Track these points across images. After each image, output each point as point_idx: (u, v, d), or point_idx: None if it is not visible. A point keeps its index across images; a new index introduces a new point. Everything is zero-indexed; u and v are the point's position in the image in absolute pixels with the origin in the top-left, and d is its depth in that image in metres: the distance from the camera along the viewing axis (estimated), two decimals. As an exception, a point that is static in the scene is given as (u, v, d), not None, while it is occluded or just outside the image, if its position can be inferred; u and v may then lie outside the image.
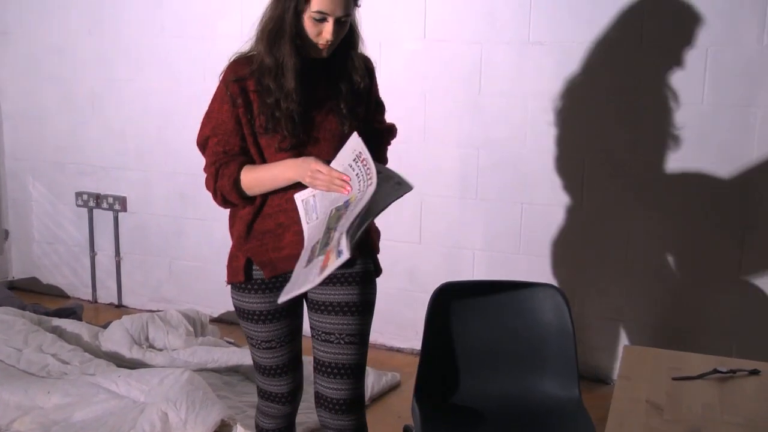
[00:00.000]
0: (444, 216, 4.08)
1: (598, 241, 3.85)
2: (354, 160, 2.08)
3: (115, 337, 4.05)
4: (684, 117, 3.63)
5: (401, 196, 2.15)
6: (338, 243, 1.94)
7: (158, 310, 4.40)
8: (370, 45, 4.04)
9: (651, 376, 2.07)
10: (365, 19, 2.37)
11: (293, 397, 2.52)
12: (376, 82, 2.45)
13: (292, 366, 2.47)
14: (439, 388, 2.60)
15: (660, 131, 3.70)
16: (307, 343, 2.48)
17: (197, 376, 3.43)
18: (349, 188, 2.08)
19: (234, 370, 3.85)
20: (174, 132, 4.61)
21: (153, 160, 4.73)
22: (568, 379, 2.55)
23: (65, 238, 5.11)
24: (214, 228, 4.60)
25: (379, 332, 4.34)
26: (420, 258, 4.21)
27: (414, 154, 4.05)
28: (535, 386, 2.58)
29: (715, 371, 2.10)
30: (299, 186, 2.21)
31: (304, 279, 2.01)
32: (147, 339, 4.11)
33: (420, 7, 4.01)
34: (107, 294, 5.05)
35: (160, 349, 4.05)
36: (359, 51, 2.32)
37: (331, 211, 2.10)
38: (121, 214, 4.89)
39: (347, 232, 1.95)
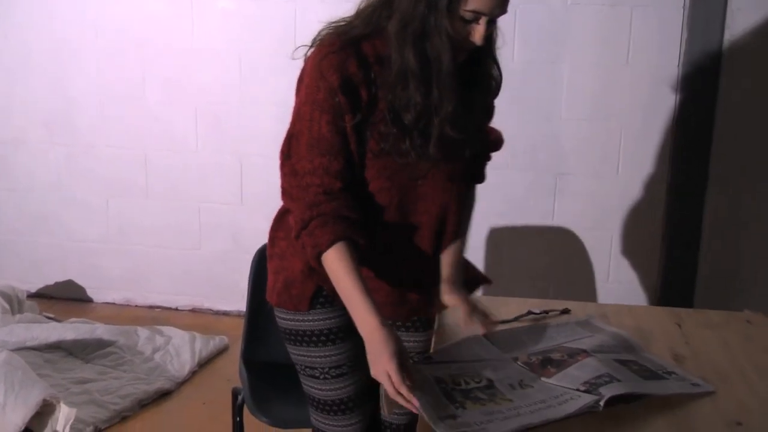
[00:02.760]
0: (265, 176, 4.03)
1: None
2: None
3: None
4: (496, 72, 3.76)
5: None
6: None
7: (-31, 289, 4.16)
8: (180, 3, 3.96)
9: (470, 322, 2.14)
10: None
11: None
12: None
13: (366, 399, 1.96)
14: (266, 350, 2.59)
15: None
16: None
17: (15, 355, 3.26)
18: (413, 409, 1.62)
19: (56, 347, 3.69)
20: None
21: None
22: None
23: None
24: (27, 199, 4.39)
25: (205, 296, 4.30)
26: (242, 219, 4.17)
27: (232, 115, 4.00)
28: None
29: (529, 313, 2.20)
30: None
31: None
32: (-42, 321, 3.87)
33: (232, -36, 3.94)
34: None
35: (-26, 331, 3.83)
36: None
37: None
38: None
39: None
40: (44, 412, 2.96)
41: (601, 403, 1.59)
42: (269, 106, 3.99)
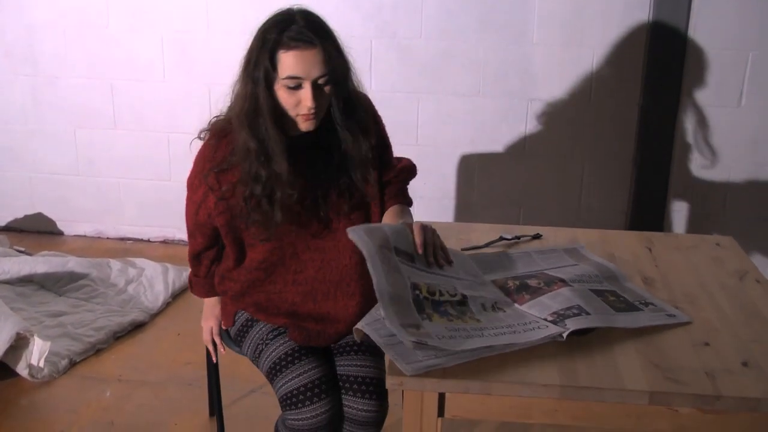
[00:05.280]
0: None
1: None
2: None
3: None
4: (465, 3, 3.71)
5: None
6: None
7: (-63, 224, 4.12)
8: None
9: (442, 249, 2.15)
10: None
11: (326, 393, 1.96)
12: (381, 124, 2.15)
13: (312, 349, 2.03)
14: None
15: (444, 18, 3.76)
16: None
17: (-14, 289, 3.27)
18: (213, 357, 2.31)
19: (27, 280, 3.67)
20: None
21: None
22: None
23: None
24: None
25: (176, 227, 4.28)
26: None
27: (198, 43, 3.92)
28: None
29: (501, 239, 2.21)
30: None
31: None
32: (-73, 255, 3.84)
33: None
34: None
35: (-57, 265, 3.79)
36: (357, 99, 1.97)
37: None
38: None
39: None
40: (18, 345, 2.96)
41: (564, 335, 1.61)
42: (237, 34, 3.89)
